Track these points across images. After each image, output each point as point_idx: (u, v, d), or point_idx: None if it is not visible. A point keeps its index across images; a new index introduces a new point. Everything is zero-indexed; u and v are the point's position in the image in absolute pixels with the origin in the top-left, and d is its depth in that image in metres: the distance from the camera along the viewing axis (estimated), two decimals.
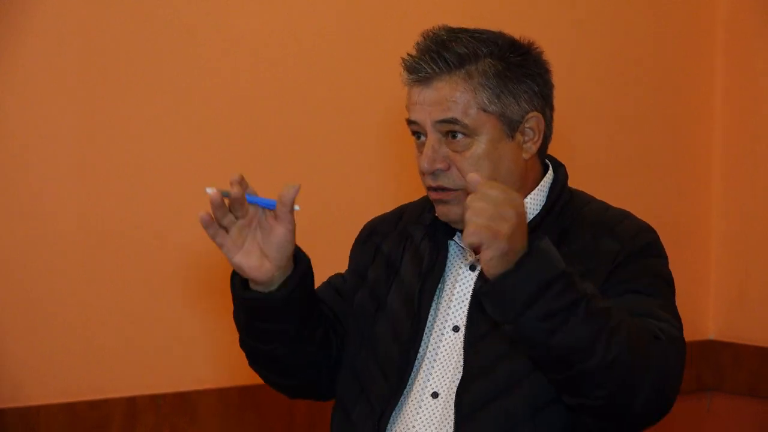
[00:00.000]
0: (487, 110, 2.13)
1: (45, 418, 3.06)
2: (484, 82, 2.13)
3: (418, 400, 2.15)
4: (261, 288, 2.12)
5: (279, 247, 2.09)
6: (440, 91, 2.13)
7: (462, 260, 2.22)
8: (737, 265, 4.18)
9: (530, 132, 2.18)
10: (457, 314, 2.18)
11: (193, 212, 3.25)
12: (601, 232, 2.17)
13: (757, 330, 4.11)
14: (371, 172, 3.51)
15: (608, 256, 2.13)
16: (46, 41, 3.06)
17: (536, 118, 2.18)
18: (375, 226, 2.39)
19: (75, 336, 3.11)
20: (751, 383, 4.09)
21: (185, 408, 3.24)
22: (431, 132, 2.15)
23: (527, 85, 2.18)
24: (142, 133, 3.19)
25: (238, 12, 3.30)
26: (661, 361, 2.00)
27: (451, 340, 2.17)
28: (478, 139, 2.13)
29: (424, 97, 2.14)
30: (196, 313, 3.26)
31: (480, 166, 2.13)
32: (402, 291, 2.24)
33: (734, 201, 4.21)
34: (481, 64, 2.14)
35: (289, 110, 3.39)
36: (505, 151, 2.16)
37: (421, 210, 2.33)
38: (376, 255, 2.33)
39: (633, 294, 2.10)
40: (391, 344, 2.20)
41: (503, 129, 2.15)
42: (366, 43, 3.50)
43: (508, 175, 2.16)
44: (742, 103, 4.19)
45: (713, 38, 4.23)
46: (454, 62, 2.13)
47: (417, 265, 2.24)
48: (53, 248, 3.08)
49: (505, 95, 2.15)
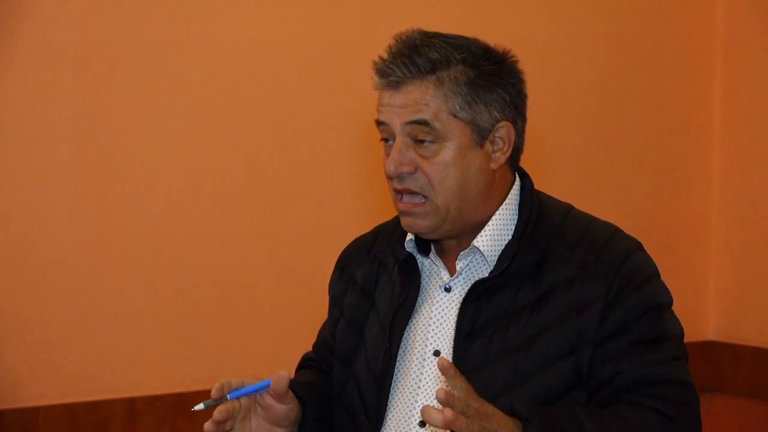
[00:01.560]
0: (458, 116, 2.09)
1: (44, 418, 3.05)
2: (455, 89, 2.09)
3: (406, 429, 2.12)
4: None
5: (285, 418, 2.13)
6: (411, 95, 2.09)
7: (436, 281, 2.18)
8: (737, 266, 4.18)
9: (500, 141, 2.14)
10: (436, 339, 2.14)
11: (192, 212, 3.26)
12: (587, 253, 2.11)
13: (756, 331, 4.10)
14: (363, 174, 3.51)
15: (597, 295, 2.08)
16: (42, 42, 3.06)
17: (506, 127, 2.14)
18: (349, 255, 2.35)
19: (74, 337, 3.11)
20: (751, 384, 4.09)
21: (184, 409, 3.23)
22: (400, 134, 2.11)
23: (499, 94, 2.13)
24: (140, 134, 3.19)
25: (233, 15, 3.30)
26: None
27: (433, 365, 2.12)
28: (446, 145, 2.09)
29: (394, 100, 2.10)
30: (194, 314, 3.26)
31: (447, 173, 2.09)
32: (377, 321, 2.21)
33: (733, 202, 4.20)
34: (452, 70, 2.10)
35: (288, 112, 3.39)
36: (473, 160, 2.11)
37: (392, 234, 2.29)
38: (349, 285, 2.29)
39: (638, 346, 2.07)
40: (368, 379, 2.18)
41: (473, 136, 2.11)
42: (362, 45, 3.50)
43: (475, 184, 2.12)
44: (741, 104, 4.19)
45: (713, 39, 4.23)
46: (425, 67, 2.09)
47: (391, 294, 2.21)
48: (52, 249, 3.08)
49: (476, 103, 2.10)
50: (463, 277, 2.15)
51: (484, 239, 2.14)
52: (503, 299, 2.10)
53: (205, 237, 3.27)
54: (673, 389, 2.05)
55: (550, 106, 3.81)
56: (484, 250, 2.13)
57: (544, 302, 2.08)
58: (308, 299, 3.29)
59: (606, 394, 2.06)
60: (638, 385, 2.05)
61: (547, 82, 3.79)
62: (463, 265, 2.15)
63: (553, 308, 2.07)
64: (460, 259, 2.15)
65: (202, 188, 3.28)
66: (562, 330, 2.06)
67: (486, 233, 2.14)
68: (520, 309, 2.08)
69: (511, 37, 2.24)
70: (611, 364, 2.06)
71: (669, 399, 2.04)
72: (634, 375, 2.05)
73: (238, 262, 3.29)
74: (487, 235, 2.14)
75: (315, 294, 2.42)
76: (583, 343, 2.06)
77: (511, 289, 2.09)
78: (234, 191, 3.31)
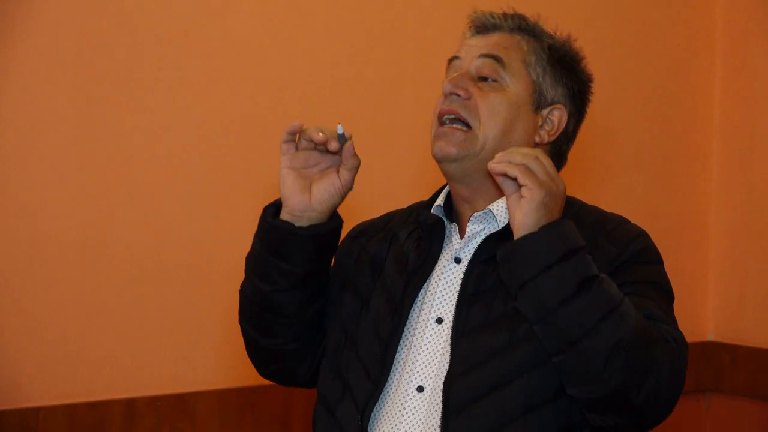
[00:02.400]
0: (528, 71, 2.18)
1: (44, 419, 3.06)
2: (538, 54, 2.20)
3: (403, 394, 2.12)
4: (290, 219, 2.16)
5: (327, 192, 2.15)
6: (496, 38, 2.19)
7: (449, 253, 2.19)
8: (736, 267, 4.18)
9: (551, 121, 2.21)
10: (441, 306, 2.15)
11: (192, 214, 3.27)
12: (599, 234, 2.15)
13: (755, 331, 4.11)
14: (364, 174, 3.51)
15: (607, 259, 2.11)
16: (41, 44, 3.06)
17: (561, 111, 2.22)
18: (364, 228, 2.38)
19: (74, 337, 3.11)
20: (750, 384, 4.09)
21: (184, 409, 3.24)
22: (469, 63, 2.18)
23: (570, 82, 2.23)
24: (139, 135, 3.20)
25: (232, 15, 3.31)
26: (667, 359, 2.00)
27: (434, 333, 2.14)
28: (507, 89, 2.17)
29: (477, 41, 2.20)
30: (194, 314, 3.26)
31: (498, 111, 2.15)
32: (385, 290, 2.22)
33: (732, 202, 4.21)
34: (541, 42, 2.22)
35: (288, 113, 3.40)
36: (523, 116, 2.18)
37: (408, 215, 2.32)
38: (360, 254, 2.31)
39: (637, 297, 2.08)
40: (372, 341, 2.18)
41: (533, 97, 2.19)
42: (362, 45, 3.51)
43: (516, 141, 2.17)
44: (740, 103, 4.19)
45: (712, 38, 4.23)
46: (522, 26, 2.21)
47: (400, 263, 2.22)
48: (52, 250, 3.08)
49: (548, 74, 2.20)
50: (473, 245, 2.17)
51: (500, 204, 2.16)
52: None
53: (205, 237, 3.27)
54: (670, 329, 2.06)
55: None
56: (498, 213, 2.15)
57: None
58: None
59: None
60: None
61: None
62: (474, 230, 2.16)
63: None
64: (473, 222, 2.17)
65: (202, 189, 3.28)
66: None
67: (502, 200, 2.16)
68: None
69: None
70: None
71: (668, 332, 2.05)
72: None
73: (238, 263, 3.29)
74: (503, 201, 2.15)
75: None
76: None
77: None
78: (234, 192, 3.32)
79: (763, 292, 4.09)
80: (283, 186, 2.18)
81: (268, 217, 2.20)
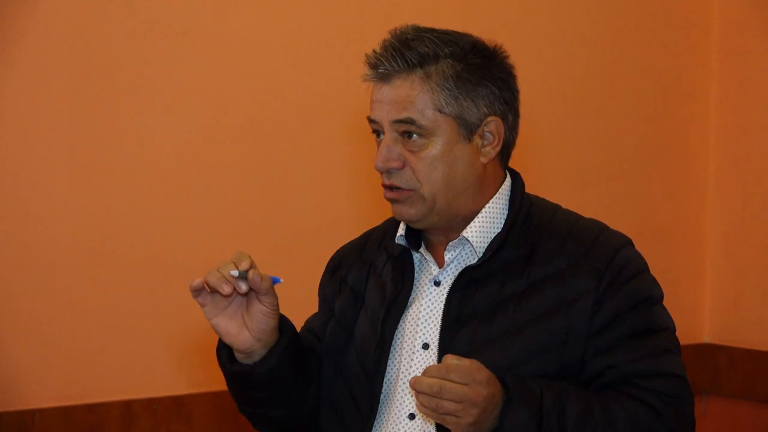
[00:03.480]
0: (444, 111, 2.12)
1: (41, 421, 3.05)
2: (442, 83, 2.12)
3: (395, 423, 2.13)
4: (244, 359, 2.15)
5: (258, 321, 2.11)
6: (398, 90, 2.12)
7: (427, 276, 2.20)
8: (732, 269, 4.18)
9: (489, 136, 2.16)
10: (425, 332, 2.16)
11: (187, 216, 3.26)
12: (578, 250, 2.13)
13: (752, 333, 4.11)
14: (362, 175, 3.52)
15: (588, 288, 2.10)
16: (38, 44, 3.06)
17: (495, 122, 2.16)
18: (341, 258, 2.38)
19: (71, 340, 3.11)
20: (746, 386, 4.09)
21: (181, 412, 3.24)
22: (388, 131, 2.14)
23: (488, 89, 2.15)
24: (135, 136, 3.19)
25: (229, 15, 3.31)
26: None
27: (422, 359, 2.14)
28: (433, 140, 2.12)
29: (383, 95, 2.14)
30: (191, 317, 3.26)
31: (434, 167, 2.12)
32: (367, 319, 2.23)
33: (729, 204, 4.21)
34: (440, 64, 2.12)
35: (285, 113, 3.40)
36: (461, 154, 2.14)
37: (383, 235, 2.32)
38: (341, 287, 2.32)
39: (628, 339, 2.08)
40: (359, 373, 2.19)
41: (460, 131, 2.13)
42: (360, 45, 3.50)
43: (464, 178, 2.15)
44: (736, 106, 4.19)
45: (708, 40, 4.24)
46: (413, 61, 2.12)
47: (381, 292, 2.23)
48: (49, 253, 3.08)
49: (462, 97, 2.13)
50: (452, 269, 2.17)
51: (473, 230, 2.16)
52: (490, 290, 2.12)
53: (201, 240, 3.27)
54: (664, 382, 2.07)
55: (543, 109, 3.82)
56: (473, 240, 2.15)
57: (531, 294, 2.10)
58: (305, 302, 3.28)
59: (598, 385, 2.09)
60: (629, 378, 2.07)
61: (540, 86, 3.80)
62: (451, 257, 2.17)
63: (541, 301, 2.09)
64: (448, 250, 2.17)
65: (199, 190, 3.28)
66: (550, 323, 2.08)
67: (475, 224, 2.16)
68: (507, 299, 2.10)
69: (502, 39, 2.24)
70: (603, 357, 2.08)
71: (659, 392, 2.06)
72: (626, 368, 2.07)
73: None
74: (477, 226, 2.16)
75: (312, 297, 2.42)
76: (573, 336, 2.08)
77: (498, 281, 2.11)
78: (231, 193, 3.32)
79: (759, 293, 4.09)
80: (220, 335, 2.14)
81: (225, 363, 2.18)
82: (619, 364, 2.07)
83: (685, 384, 2.10)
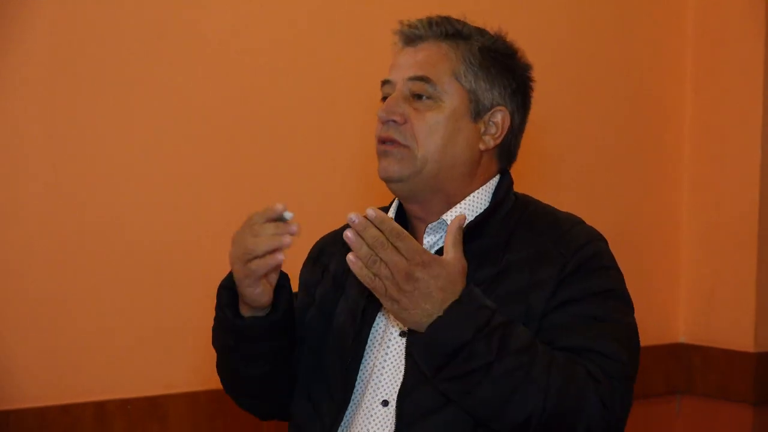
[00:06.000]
0: (460, 81, 2.16)
1: (15, 422, 3.04)
2: (468, 59, 2.17)
3: (369, 408, 2.13)
4: (254, 312, 2.14)
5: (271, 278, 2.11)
6: (423, 52, 2.17)
7: None
8: (707, 269, 4.20)
9: (493, 126, 2.19)
10: None
11: (169, 216, 3.25)
12: (549, 239, 2.14)
13: (726, 333, 4.12)
14: (360, 174, 3.52)
15: (556, 265, 2.10)
16: (20, 42, 3.05)
17: (503, 113, 2.20)
18: (324, 246, 2.39)
19: (45, 340, 3.09)
20: (721, 386, 4.11)
21: (155, 412, 3.23)
22: (400, 86, 2.17)
23: (506, 80, 2.21)
24: (138, 136, 3.18)
25: (223, 14, 3.30)
26: (595, 409, 2.00)
27: (398, 346, 2.15)
28: (442, 105, 2.15)
29: (405, 58, 2.18)
30: (166, 316, 3.25)
31: (434, 130, 2.14)
32: (347, 307, 2.23)
33: (704, 204, 4.23)
34: (470, 43, 2.19)
35: (277, 114, 3.39)
36: (463, 129, 2.17)
37: None
38: (323, 275, 2.33)
39: (581, 319, 2.07)
40: (336, 361, 2.19)
41: (469, 107, 2.17)
42: (358, 45, 3.50)
43: (459, 153, 2.16)
44: (711, 105, 4.21)
45: (683, 39, 4.25)
46: (447, 31, 2.18)
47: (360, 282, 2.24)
48: (20, 252, 3.06)
49: (482, 79, 2.18)
50: None
51: (452, 214, 2.17)
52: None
53: (180, 240, 3.26)
54: (609, 362, 2.04)
55: None
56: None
57: (501, 279, 2.11)
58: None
59: None
60: (577, 350, 2.05)
61: None
62: (431, 242, 2.17)
63: (508, 285, 2.10)
64: (428, 233, 2.18)
65: (182, 189, 3.27)
66: (513, 308, 2.07)
67: (456, 210, 2.17)
68: (479, 284, 2.09)
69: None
70: (554, 331, 2.06)
71: (602, 368, 2.03)
72: (574, 341, 2.05)
73: (212, 265, 3.28)
74: (458, 211, 2.17)
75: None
76: (530, 318, 2.07)
77: (473, 266, 2.10)
78: (216, 192, 3.31)
79: (734, 293, 4.11)
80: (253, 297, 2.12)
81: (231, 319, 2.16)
82: (568, 337, 2.05)
83: (628, 382, 2.07)
